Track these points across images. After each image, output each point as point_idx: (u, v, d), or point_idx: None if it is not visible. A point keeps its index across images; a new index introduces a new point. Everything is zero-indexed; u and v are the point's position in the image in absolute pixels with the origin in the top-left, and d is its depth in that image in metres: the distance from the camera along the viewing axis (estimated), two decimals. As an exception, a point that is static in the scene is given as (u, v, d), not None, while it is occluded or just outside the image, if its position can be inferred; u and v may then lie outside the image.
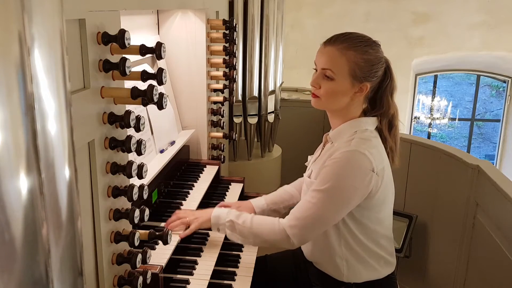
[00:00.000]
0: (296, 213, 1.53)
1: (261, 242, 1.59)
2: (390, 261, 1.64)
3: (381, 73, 1.52)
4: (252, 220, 1.57)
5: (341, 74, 1.46)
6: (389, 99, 1.55)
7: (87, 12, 1.00)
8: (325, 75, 1.48)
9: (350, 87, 1.48)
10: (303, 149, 4.16)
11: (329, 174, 1.47)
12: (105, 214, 1.12)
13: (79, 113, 0.98)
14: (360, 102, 1.55)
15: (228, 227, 1.59)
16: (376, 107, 1.56)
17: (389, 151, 1.57)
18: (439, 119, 8.90)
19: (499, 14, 6.97)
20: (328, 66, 1.47)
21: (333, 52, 1.47)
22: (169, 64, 2.13)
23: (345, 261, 1.58)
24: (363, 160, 1.44)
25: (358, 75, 1.46)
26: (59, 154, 0.46)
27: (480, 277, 2.25)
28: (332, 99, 1.52)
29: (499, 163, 8.88)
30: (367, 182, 1.45)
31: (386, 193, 1.55)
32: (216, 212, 1.63)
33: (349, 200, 1.47)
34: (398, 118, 1.59)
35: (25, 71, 0.41)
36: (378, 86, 1.54)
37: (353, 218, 1.53)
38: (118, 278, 1.19)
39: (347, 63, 1.45)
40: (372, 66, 1.48)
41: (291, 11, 6.42)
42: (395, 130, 1.58)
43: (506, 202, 1.95)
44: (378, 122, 1.57)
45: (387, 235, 1.63)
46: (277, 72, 3.36)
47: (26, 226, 0.42)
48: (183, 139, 2.06)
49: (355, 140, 1.48)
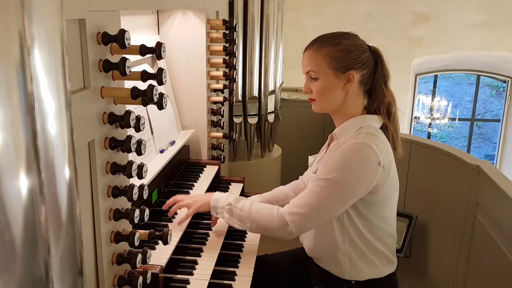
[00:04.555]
0: (297, 201, 1.52)
1: (258, 228, 1.59)
2: (392, 260, 1.64)
3: (367, 61, 1.53)
4: (251, 205, 1.59)
5: (322, 71, 1.52)
6: (383, 87, 1.56)
7: (87, 12, 1.00)
8: (311, 78, 1.55)
9: (336, 80, 1.51)
10: (303, 149, 4.17)
11: (335, 164, 1.47)
12: (105, 214, 1.12)
13: (79, 113, 0.98)
14: (356, 95, 1.56)
15: (226, 210, 1.61)
16: (372, 97, 1.58)
17: (391, 139, 1.58)
18: (439, 119, 8.90)
19: (499, 14, 6.96)
20: (309, 67, 1.54)
21: (310, 54, 1.55)
22: (169, 64, 2.13)
23: (347, 257, 1.57)
24: (370, 153, 1.45)
25: (337, 66, 1.50)
26: (59, 154, 0.46)
27: (480, 277, 2.25)
28: (325, 97, 1.54)
29: (499, 163, 8.88)
30: (373, 175, 1.45)
31: (391, 190, 1.55)
32: (216, 195, 1.66)
33: (353, 191, 1.46)
34: (396, 106, 1.60)
35: (25, 71, 0.41)
36: (371, 76, 1.55)
37: (358, 213, 1.53)
38: (118, 278, 1.19)
39: (323, 58, 1.51)
40: (349, 53, 1.50)
41: (291, 11, 6.41)
42: (393, 117, 1.59)
43: (506, 202, 1.95)
44: (380, 118, 1.57)
45: (391, 233, 1.63)
46: (277, 72, 3.36)
47: (26, 226, 0.42)
48: (183, 139, 2.06)
49: (362, 134, 1.49)
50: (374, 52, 1.56)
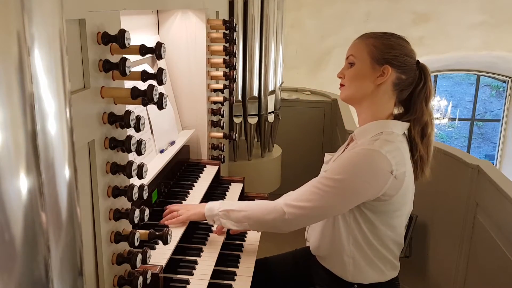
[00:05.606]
0: (297, 195, 1.52)
1: (256, 223, 1.60)
2: (396, 265, 1.63)
3: (408, 66, 1.51)
4: (246, 204, 1.63)
5: (361, 57, 1.52)
6: (423, 105, 1.52)
7: (87, 12, 1.00)
8: (349, 63, 1.55)
9: (370, 70, 1.50)
10: (303, 149, 4.19)
11: (343, 165, 1.45)
12: (105, 214, 1.12)
13: (79, 113, 0.98)
14: (387, 96, 1.52)
15: (222, 216, 1.63)
16: (409, 111, 1.54)
17: (419, 160, 1.54)
18: (439, 119, 8.90)
19: (499, 14, 6.96)
20: (351, 52, 1.55)
21: (357, 41, 1.56)
22: (169, 64, 2.13)
23: (352, 259, 1.56)
24: (382, 161, 1.41)
25: (376, 56, 1.49)
26: (59, 154, 0.46)
27: (480, 277, 2.25)
28: (355, 84, 1.53)
29: (499, 163, 8.89)
30: (382, 183, 1.42)
31: (404, 200, 1.51)
32: (209, 205, 1.68)
33: (357, 195, 1.45)
34: (433, 128, 1.56)
35: (25, 71, 0.41)
36: (410, 87, 1.53)
37: (365, 217, 1.51)
38: (118, 278, 1.19)
39: (366, 46, 1.52)
40: (391, 49, 1.49)
41: (291, 11, 6.41)
42: (427, 139, 1.54)
43: (506, 202, 1.95)
44: (410, 129, 1.54)
45: (398, 241, 1.60)
46: (277, 72, 3.36)
47: (26, 226, 0.42)
48: (183, 139, 2.06)
49: (379, 140, 1.45)
50: (421, 67, 1.54)
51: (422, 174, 1.57)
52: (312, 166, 3.04)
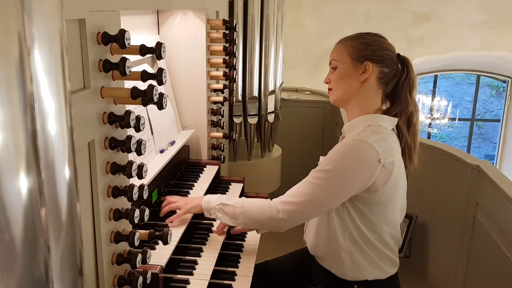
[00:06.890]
0: (290, 192, 1.55)
1: (251, 221, 1.61)
2: (395, 261, 1.63)
3: (388, 59, 1.55)
4: (243, 200, 1.64)
5: (342, 59, 1.58)
6: (407, 95, 1.57)
7: (87, 12, 1.00)
8: (332, 68, 1.61)
9: (353, 69, 1.55)
10: (303, 149, 4.19)
11: (332, 156, 1.49)
12: (105, 214, 1.12)
13: (79, 113, 0.98)
14: (373, 91, 1.56)
15: (218, 210, 1.64)
16: (395, 103, 1.59)
17: (407, 149, 1.58)
18: (439, 119, 8.90)
19: (499, 14, 6.96)
20: (332, 57, 1.62)
21: (337, 46, 1.63)
22: (169, 64, 2.13)
23: (349, 254, 1.56)
24: (369, 150, 1.45)
25: (356, 55, 1.55)
26: (59, 154, 0.46)
27: (480, 277, 2.25)
28: (341, 85, 1.58)
29: (499, 163, 8.89)
30: (370, 172, 1.45)
31: (394, 191, 1.53)
32: (206, 197, 1.70)
33: (348, 185, 1.47)
34: (418, 117, 1.61)
35: (25, 71, 0.41)
36: (394, 79, 1.57)
37: (358, 210, 1.52)
38: (118, 278, 1.19)
39: (345, 48, 1.58)
40: (369, 46, 1.55)
41: (291, 11, 6.41)
42: (413, 128, 1.59)
43: (506, 202, 1.95)
44: (398, 121, 1.57)
45: (394, 235, 1.60)
46: (277, 72, 3.36)
47: (26, 226, 0.42)
48: (183, 139, 2.06)
49: (366, 132, 1.50)
50: (403, 59, 1.59)
51: (410, 162, 1.61)
52: (312, 166, 3.02)
